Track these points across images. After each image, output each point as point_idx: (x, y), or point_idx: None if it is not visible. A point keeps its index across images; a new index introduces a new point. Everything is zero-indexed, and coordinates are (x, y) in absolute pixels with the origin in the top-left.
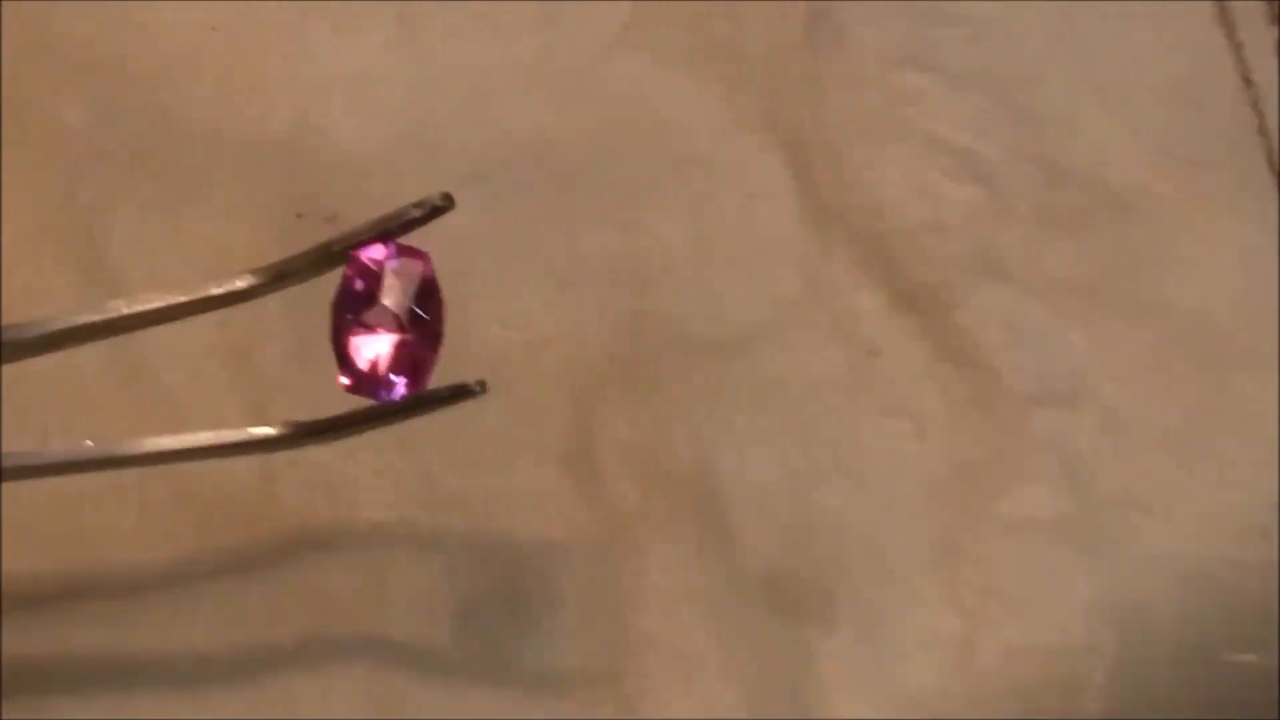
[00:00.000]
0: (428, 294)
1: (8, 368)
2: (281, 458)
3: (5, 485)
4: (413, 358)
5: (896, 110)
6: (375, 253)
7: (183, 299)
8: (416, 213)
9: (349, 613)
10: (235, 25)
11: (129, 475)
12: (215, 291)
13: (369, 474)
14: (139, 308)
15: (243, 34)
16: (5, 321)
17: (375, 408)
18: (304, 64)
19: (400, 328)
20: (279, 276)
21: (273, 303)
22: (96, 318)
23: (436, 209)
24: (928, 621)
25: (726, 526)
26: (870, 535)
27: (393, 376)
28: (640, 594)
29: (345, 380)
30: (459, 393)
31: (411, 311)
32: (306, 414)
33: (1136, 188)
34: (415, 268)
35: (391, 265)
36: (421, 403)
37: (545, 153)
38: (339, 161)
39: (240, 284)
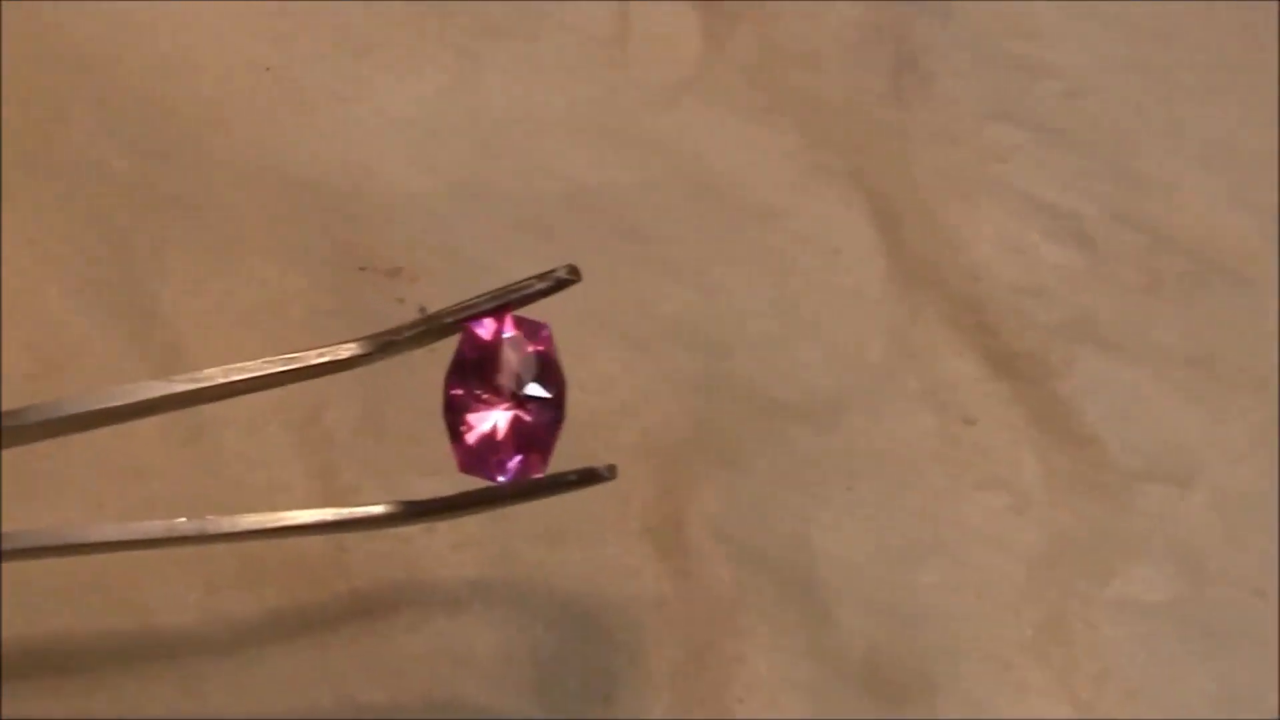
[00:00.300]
0: (548, 369)
1: None
2: (359, 532)
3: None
4: (532, 437)
5: (989, 166)
6: (491, 325)
7: (279, 369)
8: (540, 285)
9: (425, 693)
10: (288, 66)
11: (195, 548)
12: (315, 360)
13: (447, 546)
14: (232, 377)
15: (296, 75)
16: (67, 385)
17: (493, 489)
18: (359, 107)
19: (518, 404)
20: (385, 346)
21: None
22: (183, 388)
23: (562, 282)
24: (1038, 710)
25: (823, 607)
26: (971, 616)
27: (509, 457)
28: (736, 679)
29: (458, 459)
30: (587, 478)
31: (530, 387)
32: (379, 485)
33: (1246, 254)
34: (534, 341)
35: (509, 338)
36: (545, 487)
37: (613, 204)
38: (397, 210)
39: (345, 353)
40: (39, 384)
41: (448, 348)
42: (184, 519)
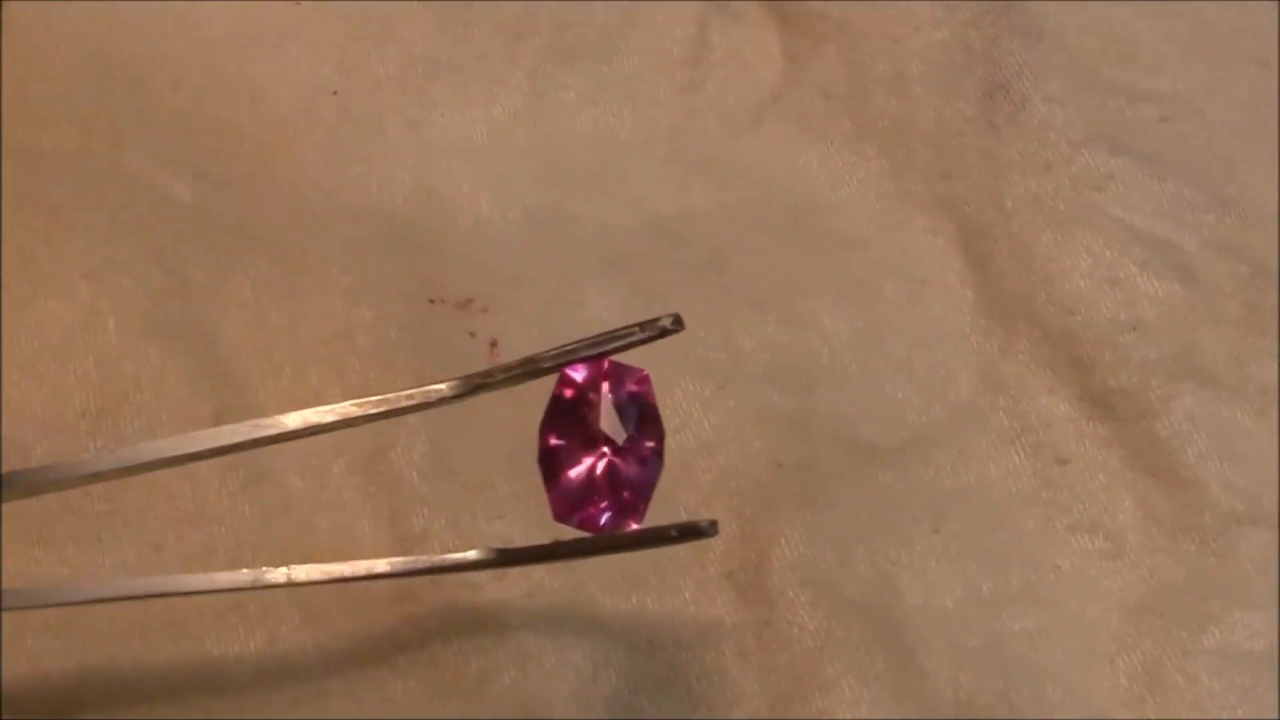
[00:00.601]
0: (646, 416)
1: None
2: (426, 579)
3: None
4: (628, 486)
5: (1084, 195)
6: (589, 370)
7: (367, 411)
8: (641, 335)
9: None
10: (355, 88)
11: (254, 594)
12: (407, 402)
13: (519, 594)
14: (319, 419)
15: (363, 98)
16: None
17: (590, 540)
18: (428, 132)
19: (615, 452)
20: (477, 387)
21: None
22: (266, 432)
23: (665, 331)
24: None
25: (910, 655)
26: (1064, 665)
27: (605, 507)
28: None
29: (553, 507)
30: (688, 532)
31: (628, 435)
32: (448, 528)
33: None
34: (632, 387)
35: (607, 384)
36: (644, 540)
37: (691, 233)
38: (467, 239)
39: (435, 395)
40: (95, 422)
41: (519, 387)
42: (267, 568)
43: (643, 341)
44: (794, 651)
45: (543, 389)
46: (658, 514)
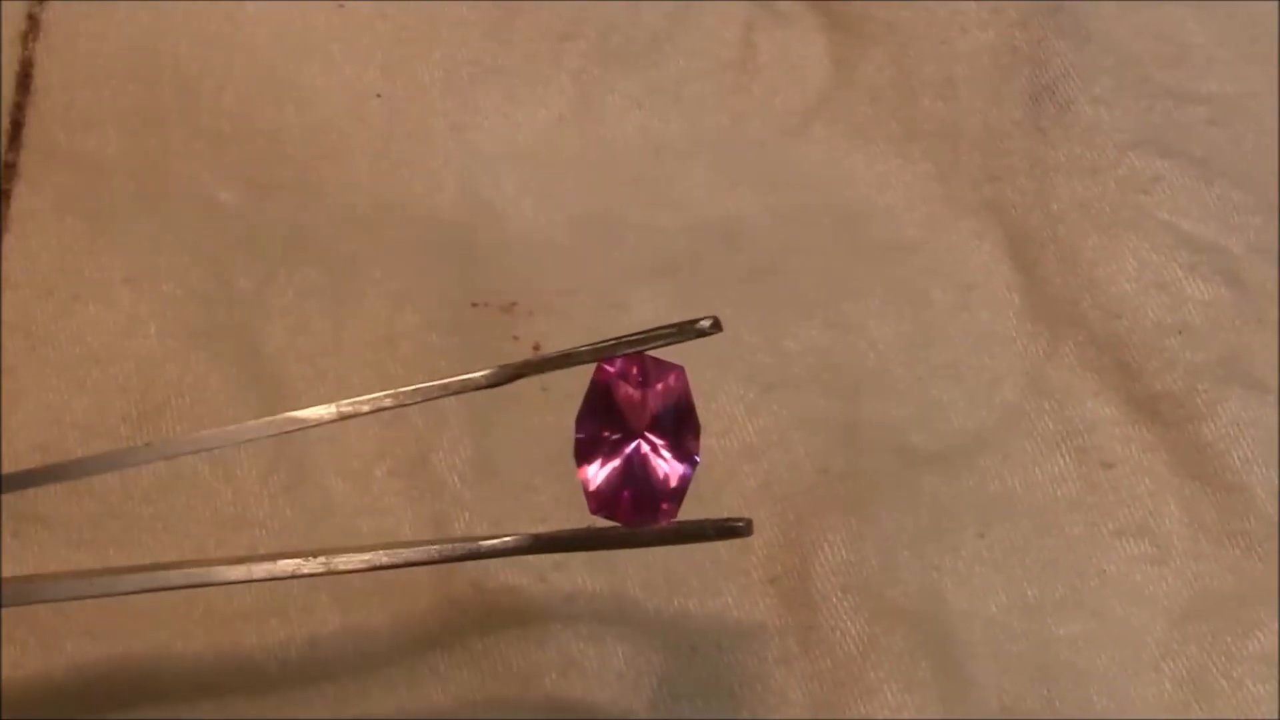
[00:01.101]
0: (682, 413)
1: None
2: (465, 580)
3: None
4: (664, 481)
5: (1131, 198)
6: (625, 364)
7: (403, 401)
8: (679, 335)
9: None
10: (399, 92)
11: (294, 597)
12: (443, 392)
13: (560, 598)
14: (360, 408)
15: (408, 102)
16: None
17: (627, 533)
18: (474, 136)
19: (651, 448)
20: (513, 376)
21: (453, 401)
22: (299, 422)
23: (703, 332)
24: None
25: (955, 662)
26: (1109, 671)
27: (640, 501)
28: None
29: (588, 500)
30: (724, 531)
31: (664, 431)
32: (490, 531)
33: None
34: (669, 384)
35: (643, 380)
36: (679, 535)
37: (737, 237)
38: (513, 244)
39: (474, 381)
40: (136, 427)
41: (562, 390)
42: (307, 558)
43: (679, 340)
44: (837, 657)
45: (584, 390)
46: (701, 516)
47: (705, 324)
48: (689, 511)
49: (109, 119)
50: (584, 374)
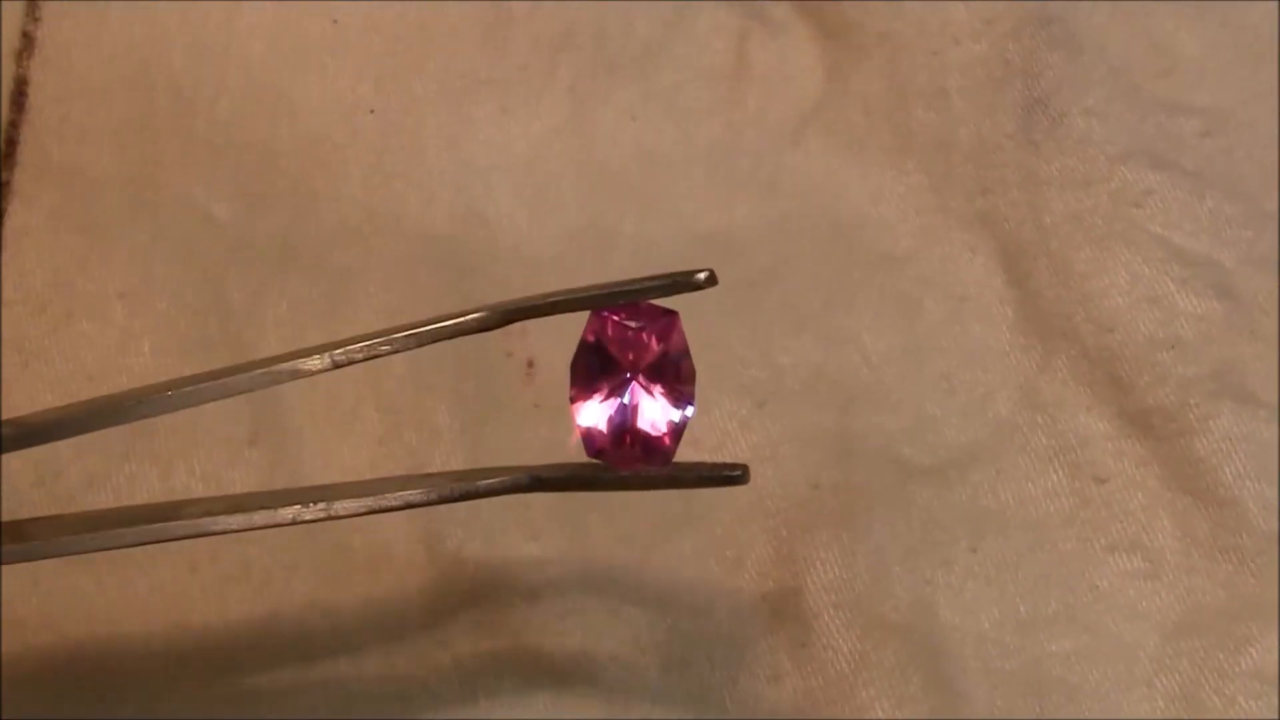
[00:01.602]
0: (676, 358)
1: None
2: (455, 598)
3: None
4: (658, 425)
5: (1124, 211)
6: (619, 311)
7: (396, 347)
8: (672, 284)
9: None
10: (393, 106)
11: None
12: (446, 323)
13: (551, 615)
14: (353, 356)
15: (401, 116)
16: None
17: (623, 476)
18: (467, 148)
19: (646, 392)
20: (507, 320)
21: (446, 418)
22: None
23: (698, 285)
24: None
25: (947, 678)
26: (1101, 688)
27: (634, 445)
28: None
29: (584, 446)
30: (719, 478)
31: (657, 376)
32: (484, 549)
33: None
34: (664, 329)
35: (638, 325)
36: (676, 480)
37: (730, 249)
38: (507, 256)
39: (469, 324)
40: (130, 444)
41: (554, 405)
42: (303, 505)
43: (673, 292)
44: (828, 675)
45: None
46: (692, 537)
47: (701, 276)
48: (684, 530)
49: (103, 132)
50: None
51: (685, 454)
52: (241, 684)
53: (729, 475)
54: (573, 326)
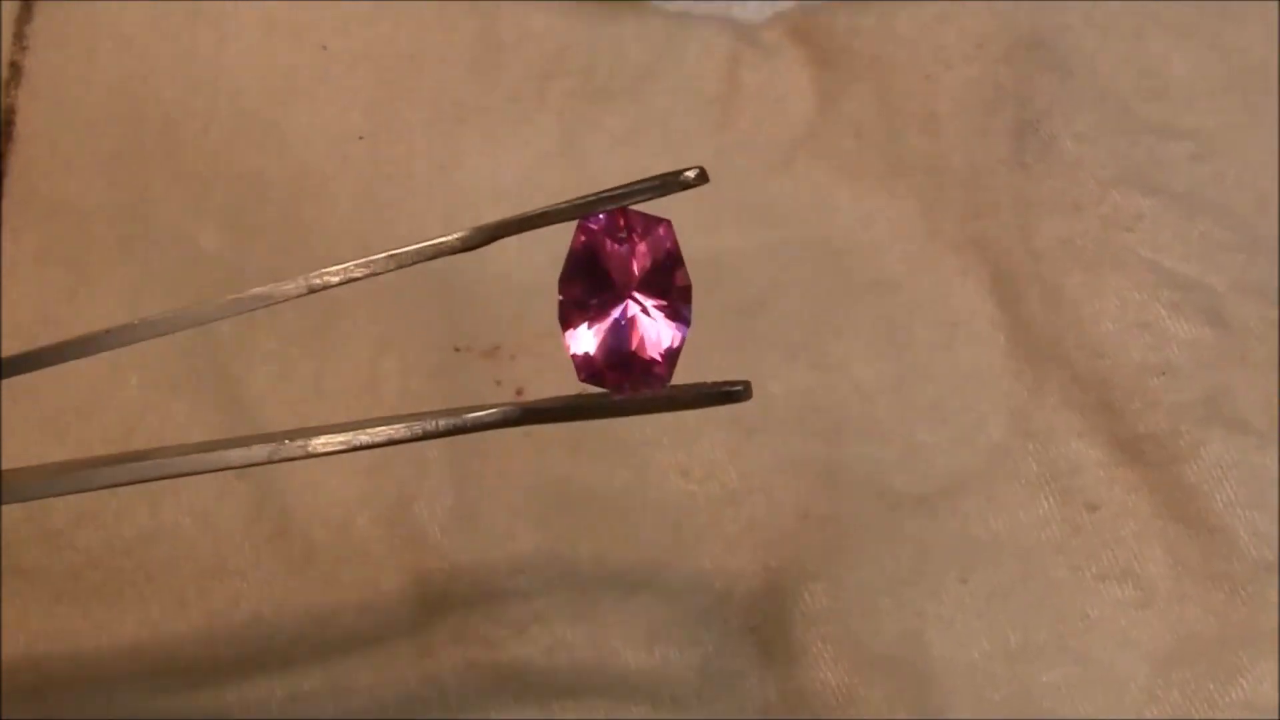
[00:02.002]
0: (671, 269)
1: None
2: (443, 632)
3: None
4: (655, 343)
5: (1115, 236)
6: (608, 221)
7: (375, 269)
8: (660, 186)
9: None
10: (382, 134)
11: (275, 650)
12: (423, 244)
13: (540, 650)
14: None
15: (391, 144)
16: None
17: (620, 400)
18: (457, 176)
19: (640, 308)
20: (492, 237)
21: (434, 449)
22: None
23: (687, 183)
24: None
25: (937, 710)
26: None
27: (631, 365)
28: None
29: (577, 367)
30: (720, 395)
31: (650, 289)
32: (471, 583)
33: None
34: (656, 238)
35: (628, 236)
36: (675, 402)
37: (720, 275)
38: (496, 286)
39: (449, 245)
40: None
41: (545, 434)
42: (285, 441)
43: (662, 194)
44: (816, 709)
45: (569, 436)
46: (680, 567)
47: (690, 174)
48: (672, 561)
49: (91, 164)
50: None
51: (673, 484)
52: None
53: (730, 391)
54: (564, 353)
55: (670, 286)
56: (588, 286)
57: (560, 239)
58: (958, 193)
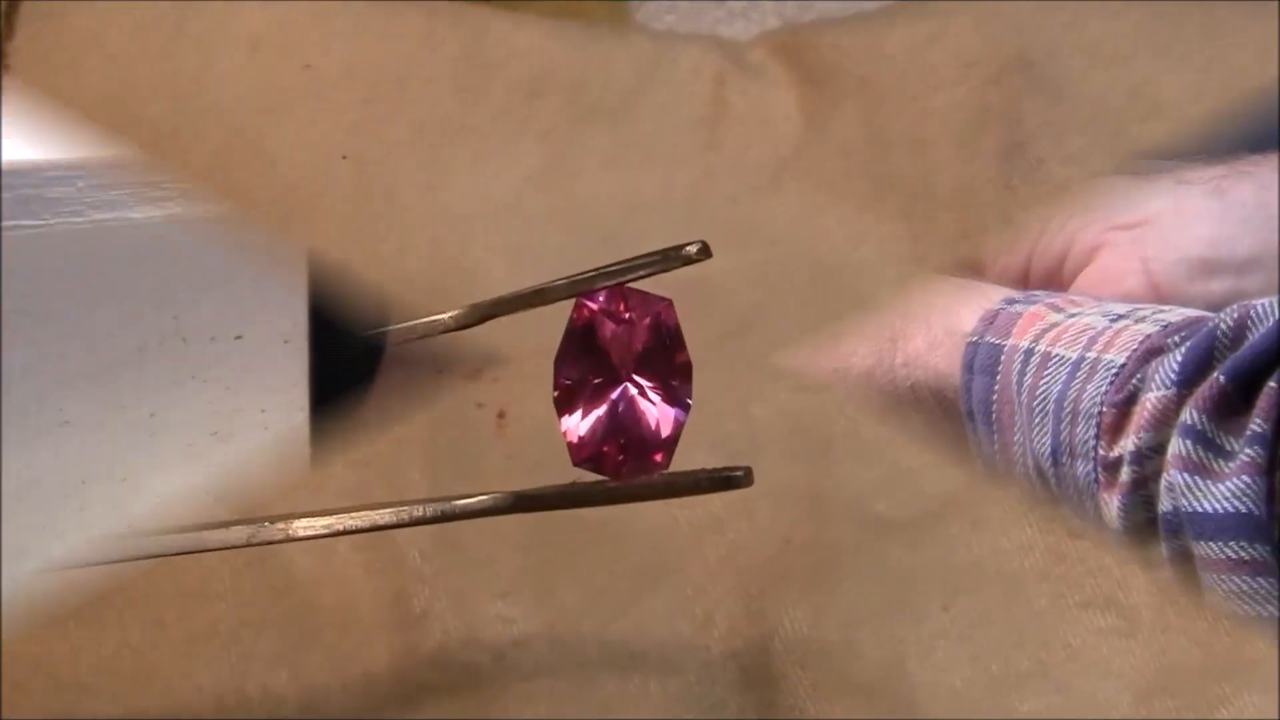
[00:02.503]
0: (670, 351)
1: None
2: (422, 656)
3: None
4: (654, 428)
5: None
6: (606, 300)
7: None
8: (662, 261)
9: None
10: (368, 154)
11: (254, 673)
12: (417, 321)
13: (518, 678)
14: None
15: (376, 163)
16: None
17: (614, 488)
18: (443, 196)
19: (639, 391)
20: (486, 317)
21: (416, 473)
22: None
23: (689, 259)
24: None
25: None
26: None
27: (627, 450)
28: None
29: (571, 452)
30: (721, 481)
31: (649, 369)
32: (451, 608)
33: None
34: (656, 319)
35: (626, 316)
36: (674, 488)
37: (709, 295)
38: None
39: (442, 324)
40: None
41: (528, 458)
42: (265, 523)
43: (664, 269)
44: None
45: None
46: (663, 594)
47: (692, 249)
48: (656, 587)
49: None
50: (551, 434)
51: (656, 510)
52: None
53: (730, 477)
54: (547, 375)
55: (671, 367)
56: (585, 367)
57: (548, 259)
58: (945, 214)
